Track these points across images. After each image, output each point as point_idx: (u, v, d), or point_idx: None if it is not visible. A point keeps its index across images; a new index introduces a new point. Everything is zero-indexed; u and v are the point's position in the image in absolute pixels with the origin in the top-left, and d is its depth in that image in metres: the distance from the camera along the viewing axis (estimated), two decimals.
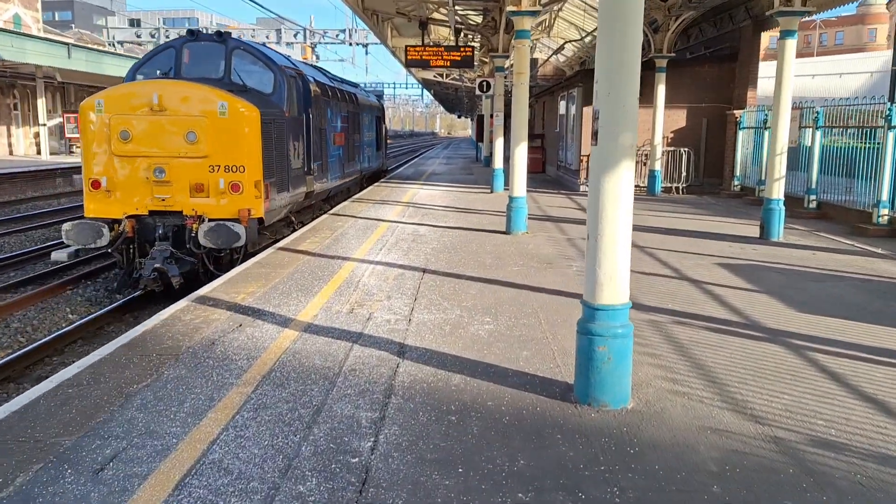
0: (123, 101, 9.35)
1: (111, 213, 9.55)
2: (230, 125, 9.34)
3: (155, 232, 9.50)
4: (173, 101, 9.26)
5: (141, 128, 9.29)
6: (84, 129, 9.51)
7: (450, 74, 37.54)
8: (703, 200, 16.96)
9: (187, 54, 11.02)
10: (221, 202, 9.44)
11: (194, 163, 9.37)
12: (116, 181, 9.47)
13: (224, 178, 9.39)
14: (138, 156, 9.37)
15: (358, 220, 12.99)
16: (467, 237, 10.94)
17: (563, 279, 7.90)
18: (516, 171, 11.07)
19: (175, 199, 9.44)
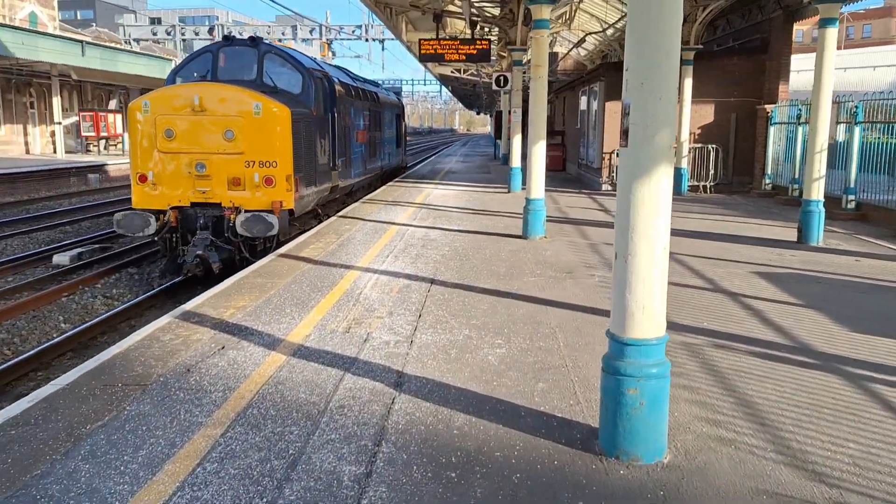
0: (168, 102, 10.22)
1: (157, 205, 10.36)
2: (264, 124, 10.10)
3: (196, 222, 10.30)
4: (213, 102, 10.06)
5: (183, 127, 10.11)
6: (132, 128, 10.38)
7: (467, 70, 36.81)
8: (733, 200, 16.10)
9: (223, 58, 11.86)
10: (256, 195, 10.23)
11: (232, 158, 10.17)
12: (161, 175, 10.30)
13: (258, 173, 10.18)
14: (181, 152, 10.19)
15: (367, 222, 12.35)
16: (481, 242, 10.25)
17: (584, 292, 7.18)
18: (534, 170, 10.36)
19: (214, 192, 10.25)
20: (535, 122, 10.27)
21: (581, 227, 11.81)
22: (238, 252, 10.31)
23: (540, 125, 10.27)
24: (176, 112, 10.12)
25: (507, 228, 11.55)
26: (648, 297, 3.43)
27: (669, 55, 3.36)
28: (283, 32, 39.13)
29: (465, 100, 72.68)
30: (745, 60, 17.36)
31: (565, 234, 11.03)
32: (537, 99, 10.21)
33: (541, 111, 10.25)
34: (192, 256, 9.98)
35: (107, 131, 37.08)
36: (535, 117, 10.26)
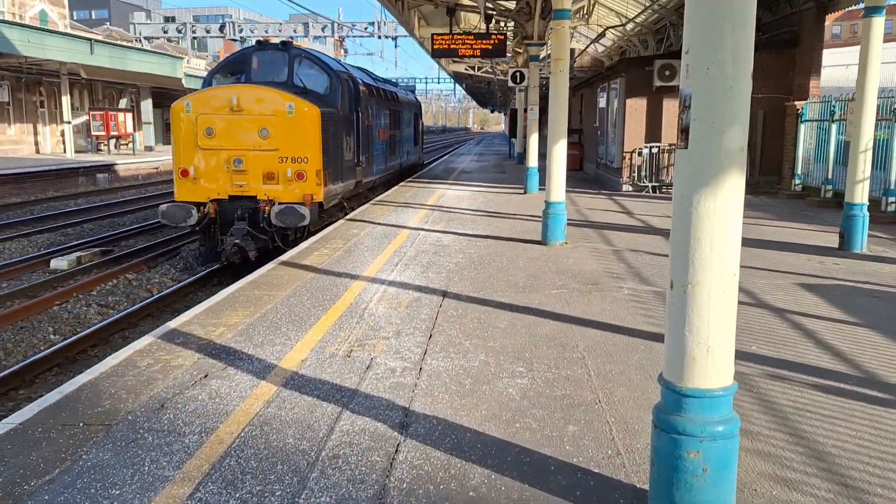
0: (208, 102, 10.89)
1: (197, 198, 10.99)
2: (296, 122, 10.79)
3: (234, 213, 10.95)
4: (249, 102, 10.73)
5: (222, 125, 10.76)
6: (175, 127, 11.08)
7: (482, 67, 36.09)
8: (761, 201, 15.30)
9: (255, 61, 12.56)
10: (289, 188, 10.91)
11: (266, 155, 10.84)
12: (202, 170, 10.96)
13: (291, 168, 10.85)
14: (220, 149, 10.84)
15: (376, 226, 11.69)
16: (497, 248, 9.57)
17: (613, 307, 6.48)
18: (554, 171, 9.66)
19: (250, 186, 10.93)
20: (555, 119, 9.57)
21: (603, 231, 11.09)
22: (272, 241, 10.99)
23: (560, 123, 9.57)
24: (215, 112, 10.78)
25: (524, 233, 10.86)
26: (715, 336, 2.73)
27: (745, 27, 2.66)
28: (295, 30, 38.58)
29: (479, 98, 71.97)
30: (774, 55, 16.53)
31: (587, 239, 10.32)
32: (558, 95, 9.51)
33: (562, 108, 9.54)
34: (230, 245, 10.72)
35: (117, 130, 36.73)
36: (556, 115, 9.56)
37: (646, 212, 13.47)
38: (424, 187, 18.54)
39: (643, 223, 11.97)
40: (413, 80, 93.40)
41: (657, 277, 7.67)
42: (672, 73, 16.40)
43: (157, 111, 49.60)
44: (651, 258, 8.79)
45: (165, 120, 51.23)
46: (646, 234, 10.83)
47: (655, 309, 6.37)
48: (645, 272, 7.97)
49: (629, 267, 8.28)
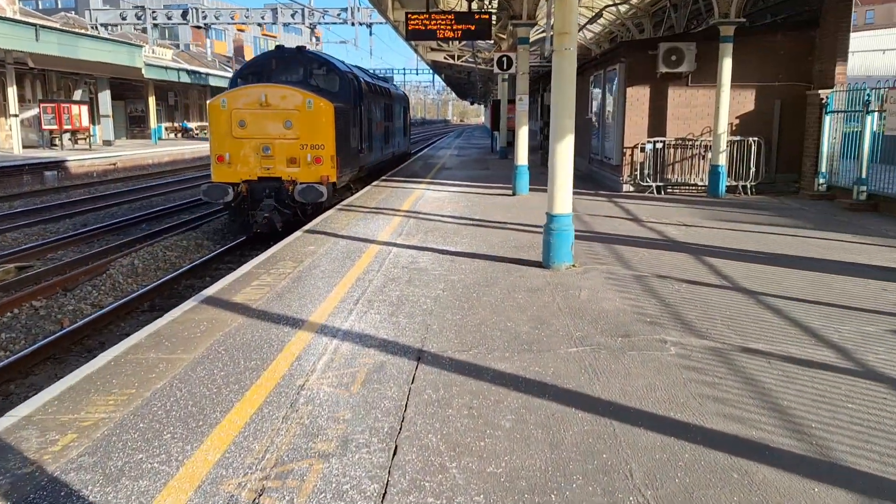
0: (240, 99, 12.63)
1: (231, 179, 12.73)
2: (314, 115, 12.57)
3: (262, 192, 12.71)
4: (275, 98, 12.50)
5: (253, 118, 12.55)
6: (212, 119, 12.78)
7: (462, 56, 34.02)
8: (783, 204, 13.45)
9: (274, 63, 14.51)
10: (309, 170, 12.65)
11: (290, 143, 12.62)
12: (235, 156, 12.71)
13: (310, 154, 12.62)
14: (251, 138, 12.62)
15: (339, 240, 9.64)
16: (488, 273, 7.56)
17: (662, 381, 4.50)
18: (559, 175, 7.66)
19: (276, 169, 12.71)
20: (560, 110, 7.56)
21: (614, 246, 9.12)
22: (294, 215, 12.78)
23: (566, 115, 7.56)
24: (247, 107, 12.54)
25: (519, 250, 8.86)
26: None
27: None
28: (263, 17, 36.16)
29: (459, 89, 69.88)
30: (792, 38, 14.68)
31: (597, 257, 8.35)
32: (563, 79, 7.49)
33: (568, 95, 7.53)
34: (261, 217, 12.57)
35: (71, 124, 34.13)
36: (561, 104, 7.54)
37: (657, 218, 11.54)
38: (400, 187, 16.48)
39: (659, 235, 10.03)
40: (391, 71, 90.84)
41: (708, 324, 5.71)
42: (679, 57, 14.47)
43: (119, 103, 46.89)
44: (688, 290, 6.83)
45: (130, 113, 48.49)
46: (667, 250, 8.89)
47: (727, 386, 4.40)
48: (688, 314, 6.00)
49: (663, 304, 6.30)
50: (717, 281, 7.17)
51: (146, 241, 14.16)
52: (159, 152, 36.03)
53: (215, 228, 15.70)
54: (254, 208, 12.79)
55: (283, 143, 12.66)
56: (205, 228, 15.60)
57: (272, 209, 12.61)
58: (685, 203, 13.52)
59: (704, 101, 14.95)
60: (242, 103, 12.59)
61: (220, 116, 12.70)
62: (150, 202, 20.48)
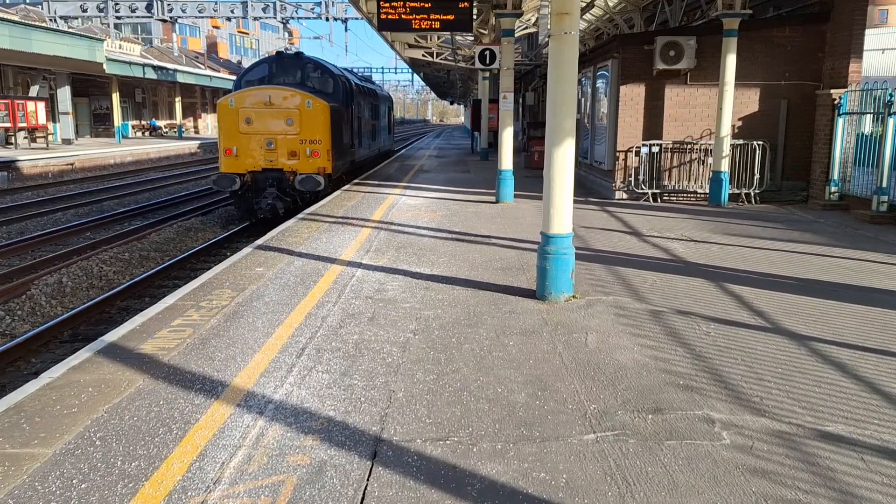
0: (247, 99, 14.02)
1: (238, 170, 14.12)
2: (313, 114, 14.05)
3: (266, 182, 14.15)
4: (279, 99, 14.00)
5: (258, 116, 13.98)
6: (221, 116, 14.22)
7: (441, 53, 32.58)
8: (792, 215, 12.21)
9: (275, 67, 15.89)
10: (307, 163, 14.06)
11: (291, 138, 14.05)
12: (242, 150, 14.07)
13: (309, 148, 14.07)
14: (256, 133, 14.04)
15: (295, 259, 8.17)
16: (470, 306, 6.15)
17: (721, 497, 3.12)
18: (557, 190, 6.25)
19: (279, 161, 14.12)
20: (559, 106, 6.16)
21: (617, 268, 7.76)
22: (293, 203, 14.14)
23: (567, 113, 6.16)
24: (253, 106, 13.89)
25: (507, 272, 7.47)
26: None
27: None
28: (233, 10, 34.44)
29: (439, 88, 68.45)
30: (799, 32, 13.47)
31: (600, 284, 6.97)
32: (563, 69, 6.10)
33: (568, 90, 6.14)
34: (265, 204, 13.97)
35: (26, 121, 32.15)
36: (560, 99, 6.14)
37: (659, 231, 10.22)
38: (373, 192, 15.02)
39: (665, 252, 8.69)
40: (369, 70, 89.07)
41: (760, 388, 4.34)
42: (678, 53, 13.19)
43: (83, 100, 44.80)
44: (720, 332, 5.48)
45: (94, 110, 46.36)
46: (679, 273, 7.54)
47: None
48: (730, 371, 4.64)
49: (694, 356, 4.93)
50: (752, 318, 5.83)
51: (85, 252, 12.58)
52: (122, 152, 34.17)
53: (167, 237, 14.13)
54: (258, 196, 14.36)
55: (285, 139, 14.17)
56: (154, 238, 14.03)
57: (275, 196, 14.19)
58: (685, 213, 12.23)
59: (705, 100, 13.68)
60: (249, 103, 14.08)
61: (229, 114, 14.20)
62: (102, 206, 18.80)
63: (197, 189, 22.77)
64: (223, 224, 16.78)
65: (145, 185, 24.38)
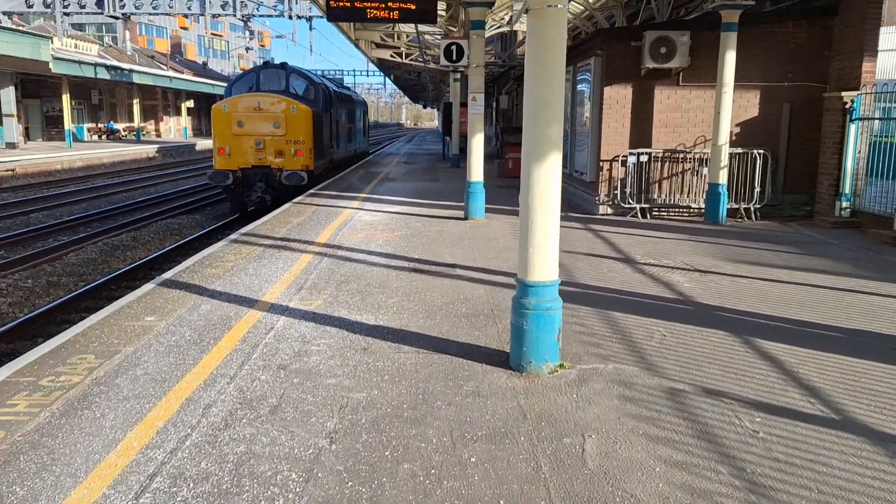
0: (239, 104, 16.18)
1: (230, 167, 16.07)
2: (297, 117, 16.16)
3: (255, 177, 16.11)
4: (267, 104, 16.14)
5: (248, 119, 16.06)
6: (215, 120, 16.28)
7: (410, 54, 30.89)
8: (800, 234, 10.72)
9: (262, 76, 17.77)
10: (292, 160, 16.12)
11: (278, 139, 16.13)
12: (234, 149, 16.09)
13: (293, 147, 16.13)
14: (247, 135, 16.07)
15: (203, 300, 6.40)
16: (418, 384, 4.44)
17: None
18: (539, 223, 4.56)
19: (267, 159, 16.16)
20: (542, 108, 4.48)
21: (613, 313, 6.11)
22: (280, 195, 15.88)
23: (552, 118, 4.49)
24: (244, 111, 16.02)
25: (472, 320, 5.78)
26: None
27: None
28: (189, 7, 32.39)
29: (411, 92, 66.72)
30: (803, 28, 12.03)
31: (594, 342, 5.32)
32: (549, 55, 4.44)
33: (555, 85, 4.46)
34: (255, 197, 15.97)
35: None
36: (545, 97, 4.47)
37: (655, 258, 8.62)
38: (328, 205, 13.26)
39: (668, 289, 7.08)
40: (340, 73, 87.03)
41: None
42: (670, 49, 11.65)
43: (34, 102, 42.30)
44: (770, 427, 3.84)
45: (46, 112, 43.80)
46: (691, 322, 5.92)
47: None
48: None
49: (748, 484, 3.28)
50: (807, 403, 4.21)
51: None
52: (71, 156, 31.94)
53: (87, 258, 12.24)
54: (248, 190, 16.04)
55: (273, 139, 16.04)
56: (71, 260, 12.13)
57: (263, 190, 15.97)
58: (680, 232, 10.67)
59: (699, 104, 12.17)
60: (241, 108, 16.04)
61: (222, 118, 16.07)
62: (28, 219, 16.78)
63: (145, 197, 20.78)
64: (159, 238, 14.92)
65: (88, 192, 22.32)
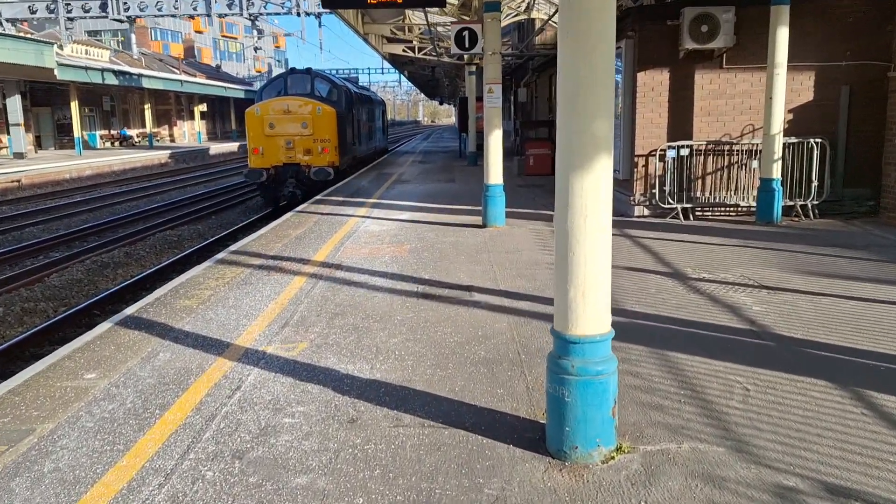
0: (270, 107, 17.68)
1: (264, 165, 17.53)
2: (323, 118, 17.65)
3: (286, 174, 17.57)
4: (295, 107, 17.66)
5: (279, 121, 17.53)
6: (249, 122, 17.76)
7: (423, 48, 29.59)
8: (871, 235, 9.29)
9: (290, 81, 19.11)
10: (319, 158, 17.63)
11: (306, 138, 17.65)
12: (266, 149, 17.58)
13: (320, 146, 17.65)
14: (278, 135, 17.58)
15: (163, 346, 5.19)
16: (420, 482, 3.20)
17: None
18: (581, 264, 3.25)
19: (296, 157, 17.66)
20: (583, 93, 3.19)
21: (675, 355, 4.80)
22: (309, 190, 17.27)
23: (597, 106, 3.20)
24: (275, 113, 17.58)
25: (493, 370, 4.50)
26: None
27: None
28: (195, 7, 31.42)
29: (426, 88, 65.42)
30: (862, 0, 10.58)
31: (658, 405, 4.01)
32: (592, 21, 3.14)
33: (599, 64, 3.17)
34: (287, 192, 17.43)
35: None
36: (585, 79, 3.18)
37: (708, 270, 7.28)
38: (332, 214, 12.05)
39: (736, 314, 5.75)
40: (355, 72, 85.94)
41: None
42: (712, 28, 10.25)
43: (45, 110, 41.71)
44: None
45: (58, 120, 43.20)
46: (778, 367, 4.60)
47: None
48: None
49: None
50: None
51: None
52: (80, 165, 31.14)
53: (72, 279, 11.17)
54: (280, 186, 17.48)
55: (301, 139, 17.52)
56: (53, 282, 11.06)
57: (294, 185, 17.38)
58: (731, 236, 9.30)
59: (745, 88, 10.76)
60: (272, 111, 17.54)
61: (256, 121, 17.56)
62: (22, 234, 15.80)
63: (149, 206, 19.76)
64: (155, 253, 13.83)
65: (91, 203, 21.35)
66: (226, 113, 64.97)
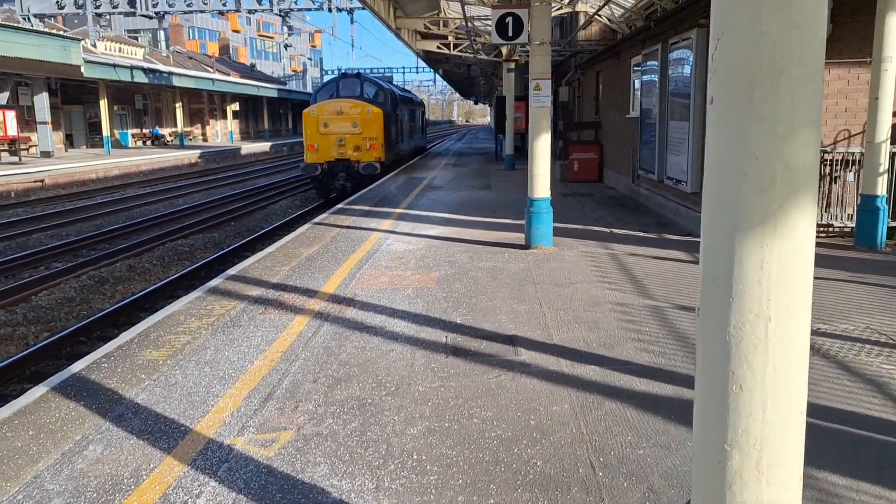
0: (325, 109, 19.56)
1: (318, 160, 19.37)
2: (371, 118, 19.44)
3: (338, 168, 19.28)
4: (347, 108, 19.55)
5: (332, 121, 19.41)
6: (306, 122, 19.55)
7: (458, 45, 28.10)
8: None
9: (341, 84, 21.21)
10: (368, 154, 19.32)
11: (356, 136, 19.38)
12: (321, 146, 19.39)
13: (368, 143, 19.33)
14: (331, 133, 19.42)
15: (96, 435, 3.75)
16: None
17: None
18: (758, 406, 1.72)
19: (347, 153, 19.39)
20: (770, 83, 1.65)
21: (818, 474, 3.24)
22: (357, 183, 18.87)
23: (806, 104, 1.66)
24: (329, 114, 19.47)
25: (561, 491, 3.00)
26: None
27: None
28: (224, 3, 30.40)
29: (461, 87, 63.91)
30: None
31: None
32: None
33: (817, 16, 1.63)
34: (338, 185, 19.02)
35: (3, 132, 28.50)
36: (784, 59, 1.64)
37: (824, 319, 5.63)
38: (353, 227, 10.61)
39: (886, 397, 4.13)
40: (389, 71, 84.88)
41: None
42: None
43: (77, 108, 41.28)
44: None
45: (89, 119, 42.76)
46: None
47: None
48: None
49: None
50: None
51: None
52: (108, 164, 30.35)
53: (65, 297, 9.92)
54: (331, 179, 19.09)
55: (352, 137, 19.24)
56: (39, 301, 9.84)
57: (345, 179, 18.95)
58: (830, 265, 7.59)
59: (840, 86, 9.03)
60: (326, 112, 19.39)
61: (311, 120, 19.35)
62: (28, 241, 14.73)
63: (169, 210, 18.63)
64: (162, 266, 12.58)
65: (111, 205, 20.29)
66: (259, 112, 64.28)
